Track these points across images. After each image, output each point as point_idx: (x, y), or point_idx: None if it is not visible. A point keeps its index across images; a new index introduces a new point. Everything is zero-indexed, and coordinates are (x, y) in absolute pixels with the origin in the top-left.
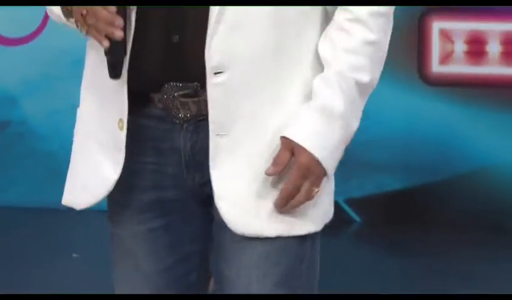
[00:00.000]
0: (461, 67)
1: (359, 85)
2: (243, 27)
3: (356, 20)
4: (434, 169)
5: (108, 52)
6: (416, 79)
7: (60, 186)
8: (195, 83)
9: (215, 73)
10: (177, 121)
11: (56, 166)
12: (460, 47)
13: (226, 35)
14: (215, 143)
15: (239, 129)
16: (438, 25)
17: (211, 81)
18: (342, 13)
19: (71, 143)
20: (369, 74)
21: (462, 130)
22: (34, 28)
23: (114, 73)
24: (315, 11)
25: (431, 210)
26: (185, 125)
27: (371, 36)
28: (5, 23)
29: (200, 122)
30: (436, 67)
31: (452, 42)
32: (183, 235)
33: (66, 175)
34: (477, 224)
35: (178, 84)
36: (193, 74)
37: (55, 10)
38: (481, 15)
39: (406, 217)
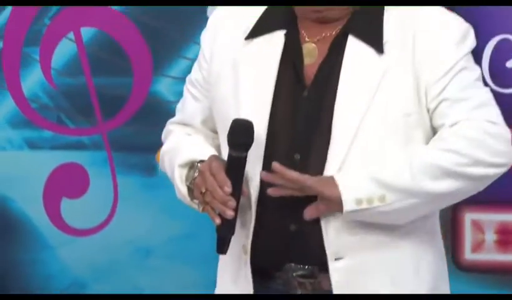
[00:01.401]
0: (491, 255)
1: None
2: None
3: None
4: None
5: (218, 229)
6: (450, 265)
7: None
8: (314, 266)
9: (336, 259)
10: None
11: None
12: (490, 236)
13: (340, 225)
14: None
15: None
16: (469, 217)
17: (333, 266)
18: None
19: None
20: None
21: None
22: (101, 220)
23: (220, 249)
24: None
25: None
26: None
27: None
28: (76, 216)
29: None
30: (468, 254)
31: (483, 232)
32: None
33: None
34: None
35: (297, 266)
36: (312, 259)
37: (182, 191)
38: (509, 208)
39: None
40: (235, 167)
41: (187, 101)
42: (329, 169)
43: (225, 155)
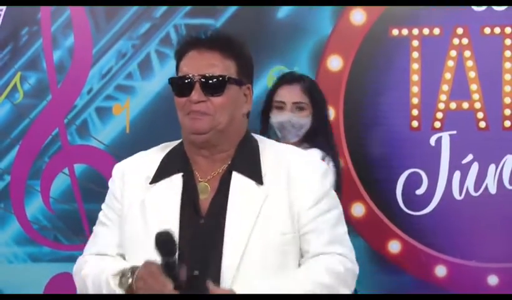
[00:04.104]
0: None
1: None
2: None
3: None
4: None
5: None
6: None
7: None
8: None
9: None
10: None
11: None
12: None
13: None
14: None
15: None
16: None
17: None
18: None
19: None
20: None
21: None
22: None
23: None
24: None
25: None
26: None
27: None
28: None
29: None
30: None
31: None
32: None
33: None
34: None
35: None
36: None
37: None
38: None
39: None
40: (168, 269)
41: (100, 235)
42: (224, 280)
43: None
